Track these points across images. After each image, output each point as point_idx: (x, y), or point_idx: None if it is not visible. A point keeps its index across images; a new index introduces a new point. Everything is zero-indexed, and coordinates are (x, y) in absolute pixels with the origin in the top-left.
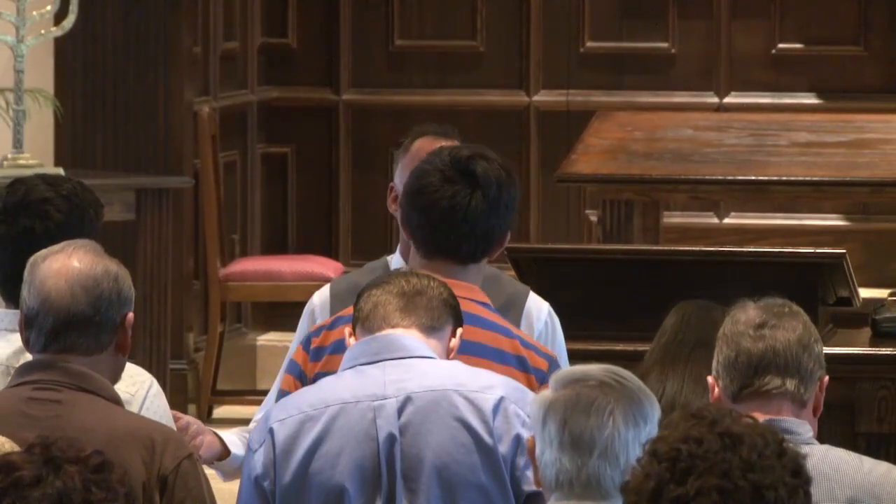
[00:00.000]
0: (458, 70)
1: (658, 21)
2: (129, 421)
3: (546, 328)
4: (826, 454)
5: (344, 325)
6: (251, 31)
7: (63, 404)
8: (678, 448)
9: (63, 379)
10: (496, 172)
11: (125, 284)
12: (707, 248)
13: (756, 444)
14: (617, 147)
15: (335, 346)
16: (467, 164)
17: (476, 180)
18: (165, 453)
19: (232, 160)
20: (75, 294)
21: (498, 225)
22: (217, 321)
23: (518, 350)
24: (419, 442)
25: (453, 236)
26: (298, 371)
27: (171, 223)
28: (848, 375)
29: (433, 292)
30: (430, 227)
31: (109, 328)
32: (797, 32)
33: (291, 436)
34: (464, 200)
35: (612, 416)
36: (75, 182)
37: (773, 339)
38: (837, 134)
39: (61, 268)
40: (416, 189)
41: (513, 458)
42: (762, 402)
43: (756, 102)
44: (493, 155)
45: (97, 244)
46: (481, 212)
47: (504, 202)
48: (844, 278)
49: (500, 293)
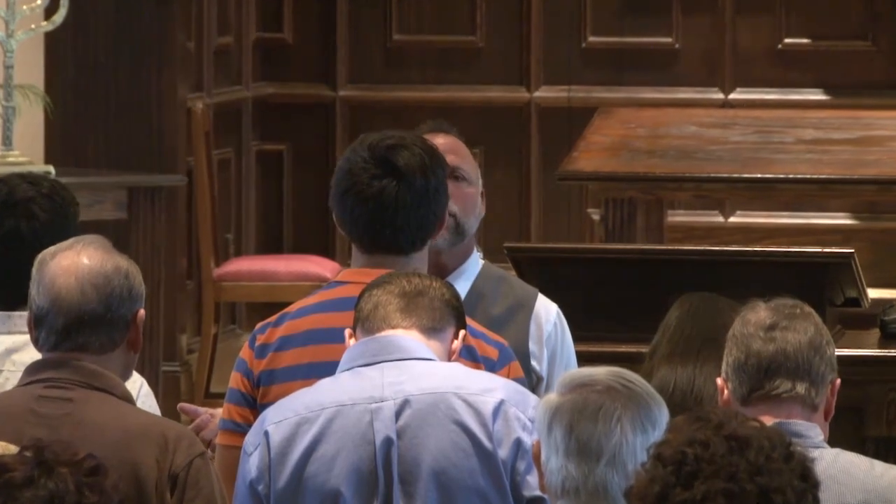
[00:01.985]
0: (457, 66)
1: (661, 16)
2: (141, 418)
3: (555, 330)
4: (836, 458)
5: (290, 320)
6: (246, 25)
7: (74, 402)
8: (683, 451)
9: (74, 377)
10: (418, 160)
11: (136, 281)
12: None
13: (763, 448)
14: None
15: (280, 343)
16: (388, 157)
17: (399, 171)
18: (178, 451)
19: (226, 158)
20: (86, 292)
21: (431, 211)
22: (211, 322)
23: (466, 339)
24: (417, 445)
25: (388, 230)
26: (245, 368)
27: (164, 222)
28: (856, 378)
29: (435, 293)
30: (364, 225)
31: (121, 326)
32: (804, 27)
33: (287, 439)
34: (391, 195)
35: (619, 423)
36: (52, 180)
37: (784, 341)
38: (845, 131)
39: (71, 265)
40: (343, 189)
41: (513, 462)
42: (772, 405)
43: (762, 99)
44: (410, 139)
45: (106, 240)
46: (411, 203)
47: (432, 188)
48: (852, 278)
49: (508, 295)
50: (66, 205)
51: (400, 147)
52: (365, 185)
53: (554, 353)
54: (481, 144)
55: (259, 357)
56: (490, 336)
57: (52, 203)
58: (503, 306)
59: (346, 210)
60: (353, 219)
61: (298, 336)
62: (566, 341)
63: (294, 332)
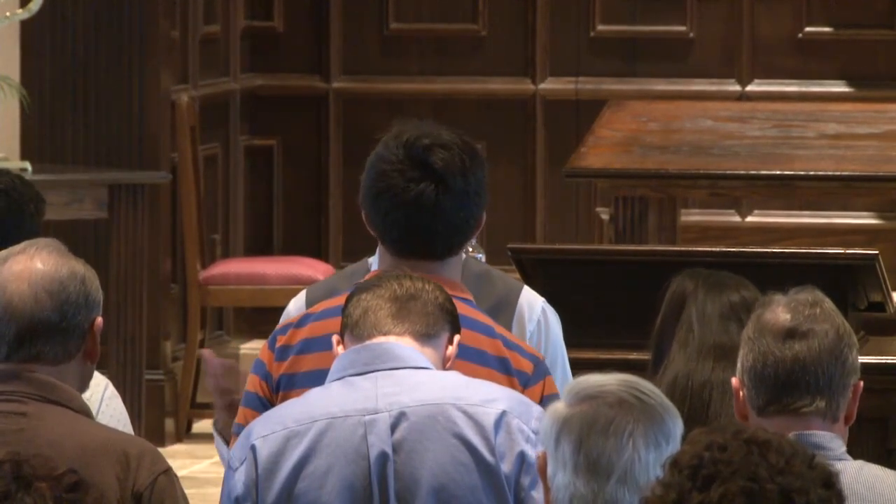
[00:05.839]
0: (457, 56)
1: (675, 3)
2: (100, 434)
3: (538, 328)
4: (860, 471)
5: (313, 322)
6: (233, 13)
7: (28, 417)
8: (701, 455)
9: (28, 390)
10: (457, 160)
11: (93, 287)
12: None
13: (784, 450)
14: (630, 139)
15: (303, 346)
16: (425, 157)
17: (437, 173)
18: (140, 468)
19: (213, 153)
20: (39, 299)
21: (471, 213)
22: (196, 328)
23: (500, 351)
24: (414, 461)
25: (426, 235)
26: (264, 371)
27: (147, 222)
28: (881, 386)
29: (428, 296)
30: (399, 229)
31: (77, 335)
32: (825, 15)
33: (275, 453)
34: (430, 198)
35: (631, 438)
36: (14, 175)
37: (803, 349)
38: (869, 125)
39: (23, 270)
40: (377, 191)
41: (516, 477)
42: (789, 418)
43: (781, 91)
44: (448, 136)
45: (61, 244)
46: (450, 206)
47: (472, 189)
48: (877, 281)
49: (491, 293)
50: (23, 201)
51: (437, 147)
52: (401, 189)
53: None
54: (483, 139)
55: (280, 359)
56: (526, 349)
57: (6, 199)
58: (485, 306)
59: (379, 213)
60: (387, 223)
61: (322, 339)
62: (551, 338)
63: (317, 334)
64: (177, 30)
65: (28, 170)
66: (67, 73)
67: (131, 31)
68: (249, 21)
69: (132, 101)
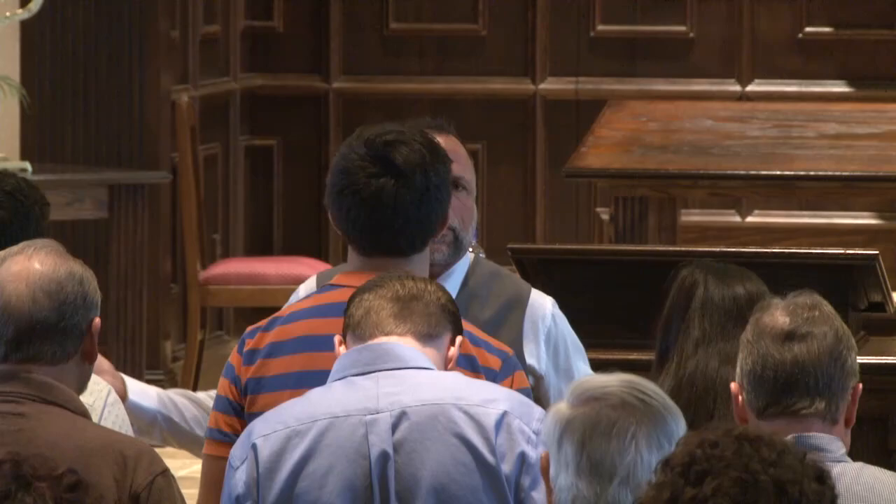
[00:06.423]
0: (457, 56)
1: (675, 2)
2: (98, 435)
3: (554, 324)
4: (860, 473)
5: (281, 325)
6: (234, 13)
7: (26, 418)
8: (692, 453)
9: (26, 390)
10: (418, 156)
11: (91, 287)
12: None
13: (775, 445)
14: (630, 139)
15: (270, 349)
16: (385, 154)
17: (397, 169)
18: (138, 469)
19: (213, 153)
20: (37, 299)
21: (432, 209)
22: (196, 328)
23: (466, 348)
24: (415, 461)
25: (388, 232)
26: (233, 375)
27: (147, 222)
28: (881, 387)
29: (430, 297)
30: (361, 226)
31: (75, 335)
32: (826, 15)
33: (276, 453)
34: (390, 193)
35: (634, 440)
36: (19, 178)
37: (802, 351)
38: (869, 125)
39: (21, 271)
40: (339, 188)
41: (517, 477)
42: (789, 420)
43: (781, 91)
44: (410, 134)
45: (58, 244)
46: (411, 202)
47: (433, 185)
48: (877, 281)
49: (502, 291)
50: (29, 204)
51: (398, 143)
52: (362, 185)
53: (557, 349)
54: (483, 139)
55: (247, 363)
56: (493, 345)
57: (13, 202)
58: (495, 306)
59: (342, 210)
60: (349, 220)
61: (289, 343)
62: (568, 333)
63: (285, 338)
64: (177, 29)
65: (28, 170)
66: (67, 73)
67: (131, 30)
68: (249, 21)
69: (132, 102)
